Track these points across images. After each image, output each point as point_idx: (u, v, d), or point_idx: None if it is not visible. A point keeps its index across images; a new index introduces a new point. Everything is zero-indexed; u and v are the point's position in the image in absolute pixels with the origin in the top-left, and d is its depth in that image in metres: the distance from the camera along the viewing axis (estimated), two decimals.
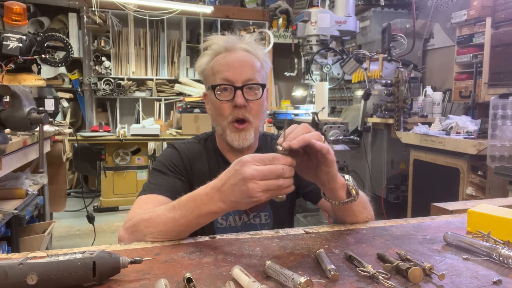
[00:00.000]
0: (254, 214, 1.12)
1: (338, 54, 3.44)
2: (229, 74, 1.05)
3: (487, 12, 2.93)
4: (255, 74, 1.07)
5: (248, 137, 1.07)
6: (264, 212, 1.14)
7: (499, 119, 2.24)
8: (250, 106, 1.06)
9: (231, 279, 0.57)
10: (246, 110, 1.06)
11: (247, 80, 1.06)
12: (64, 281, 0.53)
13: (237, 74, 1.05)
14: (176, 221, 0.77)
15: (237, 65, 1.06)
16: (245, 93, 1.05)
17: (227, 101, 1.06)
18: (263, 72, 1.12)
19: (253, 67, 1.08)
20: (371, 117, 3.49)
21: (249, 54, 1.10)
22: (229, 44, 1.10)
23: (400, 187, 3.42)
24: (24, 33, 2.06)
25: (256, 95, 1.07)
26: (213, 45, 1.12)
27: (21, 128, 1.58)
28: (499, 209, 0.80)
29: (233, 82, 1.05)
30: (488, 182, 2.38)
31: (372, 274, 0.58)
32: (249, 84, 1.06)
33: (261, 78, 1.09)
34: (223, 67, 1.07)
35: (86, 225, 3.38)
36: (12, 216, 1.92)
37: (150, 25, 5.21)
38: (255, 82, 1.07)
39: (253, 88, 1.07)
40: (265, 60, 1.14)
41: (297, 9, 5.22)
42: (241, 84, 1.05)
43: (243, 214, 1.12)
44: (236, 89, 1.05)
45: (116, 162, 4.33)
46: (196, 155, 1.14)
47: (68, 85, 5.03)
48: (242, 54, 1.09)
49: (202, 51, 1.16)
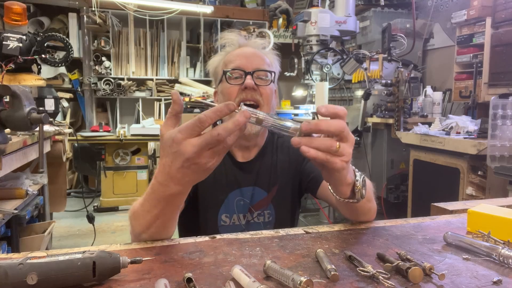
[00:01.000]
0: (258, 213, 1.13)
1: (338, 54, 3.44)
2: (240, 62, 1.09)
3: (487, 12, 2.93)
4: (265, 65, 1.11)
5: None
6: (267, 210, 1.14)
7: (499, 119, 2.24)
8: (261, 90, 1.08)
9: (231, 279, 0.57)
10: (257, 93, 1.07)
11: (257, 67, 1.09)
12: (64, 281, 0.53)
13: (248, 62, 1.09)
14: (151, 214, 0.71)
15: (248, 55, 1.11)
16: (255, 78, 1.08)
17: (236, 85, 1.08)
18: (273, 69, 1.15)
19: (264, 59, 1.12)
20: (371, 117, 3.49)
21: (260, 51, 1.15)
22: (242, 41, 1.16)
23: (400, 187, 3.42)
24: (24, 33, 2.06)
25: (266, 82, 1.10)
26: (228, 46, 1.17)
27: (21, 128, 1.58)
28: (499, 209, 0.80)
29: (243, 68, 1.08)
30: (488, 182, 2.38)
31: (372, 274, 0.58)
32: (259, 70, 1.09)
33: (270, 69, 1.13)
34: (235, 57, 1.11)
35: (86, 225, 3.38)
36: (12, 216, 1.92)
37: (150, 25, 5.21)
38: (265, 69, 1.10)
39: (263, 77, 1.10)
40: (274, 62, 1.18)
41: (297, 9, 5.22)
42: (251, 70, 1.08)
43: (248, 213, 1.13)
44: (247, 74, 1.07)
45: (116, 162, 4.33)
46: None
47: (68, 85, 5.03)
48: (254, 49, 1.14)
49: (215, 48, 1.24)
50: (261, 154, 1.18)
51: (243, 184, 1.13)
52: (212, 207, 1.12)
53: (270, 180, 1.16)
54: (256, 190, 1.14)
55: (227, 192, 1.12)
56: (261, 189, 1.15)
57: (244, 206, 1.13)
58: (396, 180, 3.43)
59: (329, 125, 0.63)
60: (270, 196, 1.15)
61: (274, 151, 1.20)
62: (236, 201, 1.13)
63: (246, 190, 1.13)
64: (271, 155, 1.19)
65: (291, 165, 1.19)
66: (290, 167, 1.19)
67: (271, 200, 1.15)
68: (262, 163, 1.17)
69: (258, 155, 1.17)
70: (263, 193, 1.15)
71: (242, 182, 1.13)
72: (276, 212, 1.15)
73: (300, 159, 1.19)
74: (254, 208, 1.13)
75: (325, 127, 0.63)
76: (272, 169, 1.17)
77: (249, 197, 1.13)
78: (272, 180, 1.16)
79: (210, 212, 1.11)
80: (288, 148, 1.20)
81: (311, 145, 0.63)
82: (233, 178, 1.13)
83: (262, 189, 1.15)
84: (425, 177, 2.88)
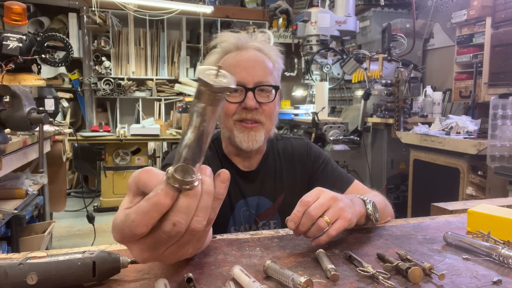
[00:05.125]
0: (263, 222, 1.10)
1: (338, 54, 3.44)
2: (241, 76, 0.99)
3: (487, 12, 2.93)
4: (267, 76, 1.01)
5: (258, 138, 1.01)
6: (273, 220, 1.11)
7: (499, 119, 2.24)
8: (263, 108, 1.00)
9: (231, 279, 0.57)
10: (258, 112, 1.00)
11: (259, 82, 1.00)
12: (64, 281, 0.53)
13: (249, 75, 0.99)
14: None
15: (249, 65, 1.00)
16: (257, 95, 1.00)
17: (236, 103, 1.00)
18: (276, 73, 1.06)
19: (266, 68, 1.02)
20: (371, 117, 3.49)
21: (261, 53, 1.04)
22: (241, 42, 1.04)
23: (400, 187, 3.42)
24: (24, 33, 2.06)
25: (269, 98, 1.01)
26: (224, 42, 1.06)
27: (21, 128, 1.59)
28: (499, 209, 0.80)
29: (244, 84, 0.99)
30: (488, 182, 2.38)
31: (372, 274, 0.58)
32: (261, 85, 1.00)
33: (273, 80, 1.03)
34: (234, 67, 1.00)
35: (86, 225, 3.38)
36: (12, 216, 1.92)
37: (150, 25, 5.21)
38: (268, 84, 1.01)
39: (265, 90, 1.01)
40: (278, 60, 1.08)
41: (297, 9, 5.23)
42: (253, 85, 0.99)
43: (253, 223, 1.09)
44: (248, 90, 0.99)
45: (116, 162, 4.33)
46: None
47: (68, 85, 5.03)
48: (254, 53, 1.03)
49: (211, 48, 1.10)
50: (264, 162, 1.12)
51: (247, 194, 1.09)
52: (221, 223, 1.06)
53: (275, 189, 1.11)
54: (261, 199, 1.10)
55: (233, 203, 1.07)
56: (266, 198, 1.10)
57: (250, 217, 1.09)
58: (396, 180, 3.43)
59: (308, 218, 0.68)
60: (276, 205, 1.11)
61: (277, 157, 1.15)
62: (242, 211, 1.08)
63: (251, 200, 1.09)
64: (274, 162, 1.14)
65: (297, 173, 1.14)
66: (296, 175, 1.14)
67: (278, 209, 1.11)
68: (266, 172, 1.12)
69: (261, 163, 1.12)
70: (268, 203, 1.11)
71: (246, 192, 1.09)
72: (283, 221, 1.10)
73: (308, 168, 1.15)
74: (259, 218, 1.10)
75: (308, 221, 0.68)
76: (277, 177, 1.13)
77: (254, 207, 1.09)
78: (278, 188, 1.12)
79: (219, 229, 1.05)
80: (292, 155, 1.15)
81: (312, 237, 0.69)
82: (238, 188, 1.08)
83: (267, 199, 1.10)
84: (425, 177, 2.88)
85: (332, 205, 0.70)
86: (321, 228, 0.67)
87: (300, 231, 0.69)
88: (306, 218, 0.67)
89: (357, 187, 1.11)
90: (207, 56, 1.10)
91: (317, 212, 0.68)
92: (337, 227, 0.69)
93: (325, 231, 0.68)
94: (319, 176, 1.14)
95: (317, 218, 0.68)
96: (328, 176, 1.13)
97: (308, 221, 0.67)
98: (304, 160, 1.16)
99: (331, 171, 1.14)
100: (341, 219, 0.69)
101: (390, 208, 0.93)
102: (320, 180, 1.13)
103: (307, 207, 0.68)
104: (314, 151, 1.17)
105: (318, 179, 1.14)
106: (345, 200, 0.74)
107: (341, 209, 0.70)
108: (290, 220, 0.69)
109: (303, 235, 0.70)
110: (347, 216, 0.70)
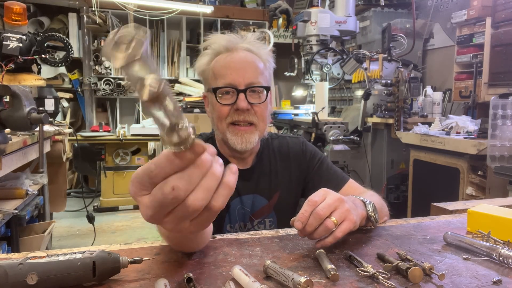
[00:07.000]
0: (258, 221, 1.10)
1: (338, 54, 3.44)
2: (232, 77, 0.99)
3: (487, 12, 2.93)
4: (258, 77, 1.02)
5: (252, 140, 1.02)
6: (269, 218, 1.12)
7: (499, 119, 2.24)
8: (255, 109, 1.01)
9: (231, 279, 0.57)
10: (250, 113, 1.01)
11: (250, 83, 1.00)
12: (64, 281, 0.53)
13: (240, 76, 0.99)
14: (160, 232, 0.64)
15: (239, 66, 1.00)
16: (248, 96, 1.00)
17: (228, 105, 1.01)
18: (267, 73, 1.06)
19: (257, 69, 1.02)
20: (371, 117, 3.49)
21: (251, 54, 1.04)
22: (231, 44, 1.04)
23: (400, 187, 3.42)
24: (24, 33, 2.06)
25: (260, 98, 1.02)
26: (214, 44, 1.06)
27: (21, 128, 1.59)
28: (499, 209, 0.80)
29: (235, 86, 1.00)
30: (488, 182, 2.38)
31: (372, 274, 0.58)
32: (252, 87, 1.01)
33: (264, 80, 1.04)
34: (224, 69, 1.01)
35: (86, 225, 3.38)
36: (12, 216, 1.92)
37: (150, 25, 5.21)
38: (259, 85, 1.01)
39: (256, 91, 1.02)
40: (269, 60, 1.08)
41: (297, 9, 5.22)
42: (244, 87, 1.00)
43: (248, 222, 1.10)
44: (239, 92, 0.99)
45: (116, 162, 4.33)
46: None
47: (68, 85, 5.03)
48: (244, 54, 1.03)
49: (202, 50, 1.10)
50: (259, 160, 1.13)
51: (242, 192, 1.09)
52: (217, 220, 1.07)
53: (270, 187, 1.12)
54: (256, 197, 1.10)
55: (229, 201, 1.08)
56: (262, 196, 1.11)
57: (245, 215, 1.09)
58: (396, 180, 3.43)
59: (316, 220, 0.67)
60: (271, 204, 1.12)
61: (272, 155, 1.16)
62: (237, 209, 1.09)
63: (246, 198, 1.09)
64: (269, 160, 1.15)
65: (292, 171, 1.15)
66: (291, 173, 1.15)
67: (273, 207, 1.12)
68: (261, 170, 1.13)
69: (255, 162, 1.13)
70: (263, 201, 1.11)
71: (241, 190, 1.09)
72: (278, 219, 1.12)
73: (304, 167, 1.15)
74: (254, 216, 1.10)
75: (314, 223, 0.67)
76: (272, 176, 1.13)
77: (250, 206, 1.10)
78: (273, 187, 1.12)
79: (215, 226, 1.03)
80: (288, 154, 1.16)
81: (318, 238, 0.69)
82: None
83: (263, 197, 1.11)
84: (425, 177, 2.88)
85: (339, 206, 0.69)
86: (329, 228, 0.67)
87: (307, 232, 0.68)
88: (314, 217, 0.67)
89: (352, 186, 1.11)
90: (198, 58, 1.10)
91: (325, 212, 0.67)
92: (344, 228, 0.68)
93: (330, 232, 0.68)
94: (315, 175, 1.15)
95: (325, 218, 0.67)
96: (323, 174, 1.13)
97: (315, 221, 0.67)
98: (300, 159, 1.16)
99: (327, 170, 1.15)
100: (347, 221, 0.69)
101: (386, 208, 0.94)
102: (315, 179, 1.13)
103: (315, 207, 0.68)
104: (309, 150, 1.18)
105: (313, 178, 1.14)
106: (349, 202, 0.73)
107: (347, 210, 0.70)
108: (297, 220, 0.68)
109: (308, 237, 0.69)
110: (353, 218, 0.70)
